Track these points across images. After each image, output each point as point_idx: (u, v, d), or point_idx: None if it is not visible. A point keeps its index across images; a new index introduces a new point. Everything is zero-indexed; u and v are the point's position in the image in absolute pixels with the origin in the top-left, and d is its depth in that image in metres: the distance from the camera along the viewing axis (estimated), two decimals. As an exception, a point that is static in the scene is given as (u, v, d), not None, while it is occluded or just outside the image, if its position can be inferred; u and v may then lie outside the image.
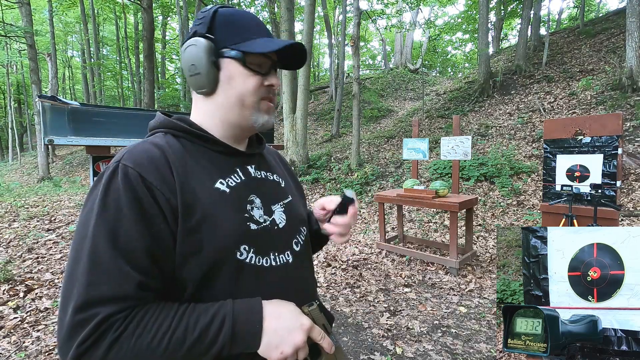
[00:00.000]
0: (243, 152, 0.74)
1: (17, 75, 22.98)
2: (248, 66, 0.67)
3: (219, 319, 0.55)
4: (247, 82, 0.68)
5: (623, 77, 6.91)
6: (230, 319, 0.55)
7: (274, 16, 12.55)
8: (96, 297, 0.50)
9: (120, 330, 0.50)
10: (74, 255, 0.54)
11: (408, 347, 2.36)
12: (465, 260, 3.67)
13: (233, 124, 0.71)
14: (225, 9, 0.70)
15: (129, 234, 0.54)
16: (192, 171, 0.64)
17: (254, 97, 0.69)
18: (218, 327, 0.54)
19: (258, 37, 0.69)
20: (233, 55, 0.67)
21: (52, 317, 2.73)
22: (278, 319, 0.59)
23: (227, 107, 0.69)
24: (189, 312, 0.55)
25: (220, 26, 0.68)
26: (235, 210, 0.65)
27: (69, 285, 0.53)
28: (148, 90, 11.80)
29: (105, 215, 0.54)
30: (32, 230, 4.81)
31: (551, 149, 2.83)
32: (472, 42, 19.86)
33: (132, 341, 0.50)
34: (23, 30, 11.51)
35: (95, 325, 0.49)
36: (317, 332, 0.63)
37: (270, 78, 0.70)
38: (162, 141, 0.65)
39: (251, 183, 0.71)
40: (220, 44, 0.67)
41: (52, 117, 2.13)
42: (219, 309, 0.56)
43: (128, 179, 0.56)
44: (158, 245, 0.56)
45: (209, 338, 0.54)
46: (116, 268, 0.52)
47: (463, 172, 6.24)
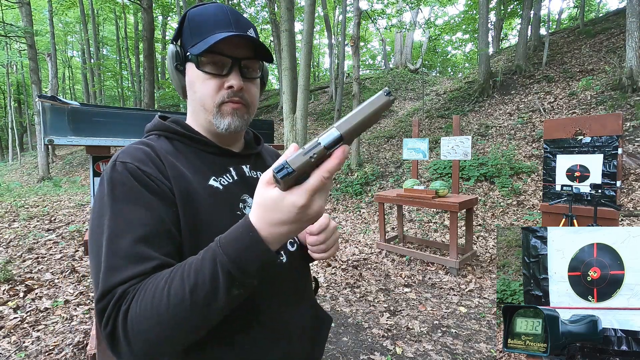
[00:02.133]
0: (237, 153, 0.74)
1: (17, 75, 22.98)
2: (201, 69, 0.64)
3: (208, 252, 0.49)
4: (204, 86, 0.65)
5: (623, 77, 6.91)
6: (218, 244, 0.48)
7: (274, 16, 12.55)
8: (117, 280, 0.50)
9: (129, 301, 0.49)
10: (95, 250, 0.54)
11: (408, 347, 2.36)
12: (465, 260, 3.67)
13: (204, 128, 0.71)
14: (195, 8, 0.67)
15: (145, 217, 0.55)
16: (184, 168, 0.64)
17: (212, 101, 0.66)
18: (210, 257, 0.47)
19: (217, 32, 0.64)
20: (190, 59, 0.65)
21: (52, 317, 2.73)
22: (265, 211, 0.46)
23: (195, 111, 0.69)
24: (183, 263, 0.51)
25: (185, 29, 0.67)
26: (228, 208, 0.65)
27: (94, 277, 0.53)
28: (148, 90, 11.79)
29: (117, 206, 0.55)
30: (32, 230, 4.81)
31: (551, 149, 2.83)
32: (472, 42, 19.86)
33: (137, 307, 0.48)
34: (23, 30, 11.52)
35: (113, 304, 0.49)
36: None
37: (231, 79, 0.65)
38: (154, 142, 0.66)
39: (245, 182, 0.71)
40: (186, 47, 0.66)
41: (52, 117, 2.13)
42: (209, 245, 0.50)
43: (129, 171, 0.58)
44: (172, 225, 0.57)
45: (208, 273, 0.46)
46: (135, 252, 0.52)
47: (463, 172, 6.24)
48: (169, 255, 0.55)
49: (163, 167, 0.61)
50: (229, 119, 0.66)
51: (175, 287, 0.47)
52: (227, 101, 0.66)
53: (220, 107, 0.66)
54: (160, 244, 0.55)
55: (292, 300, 0.72)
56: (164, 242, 0.55)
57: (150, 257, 0.53)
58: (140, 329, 0.47)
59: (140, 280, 0.51)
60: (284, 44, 8.59)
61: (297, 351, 0.71)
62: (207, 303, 0.47)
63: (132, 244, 0.52)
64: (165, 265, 0.53)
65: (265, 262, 0.46)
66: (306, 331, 0.75)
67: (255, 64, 0.69)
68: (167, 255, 0.55)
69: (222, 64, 0.65)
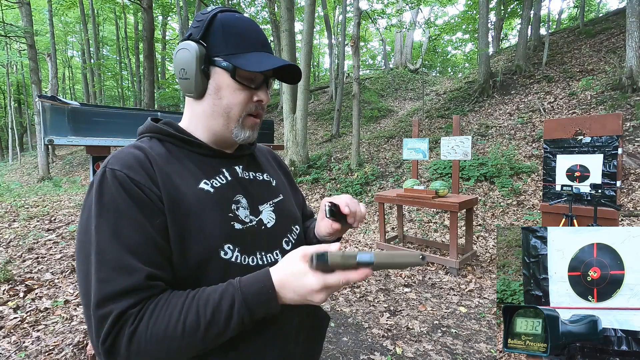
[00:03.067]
0: (230, 154, 0.74)
1: (17, 75, 22.99)
2: (238, 80, 0.65)
3: (227, 294, 0.55)
4: (235, 96, 0.67)
5: (623, 77, 6.91)
6: (238, 288, 0.56)
7: (274, 16, 12.54)
8: (109, 293, 0.52)
9: (136, 324, 0.51)
10: (82, 260, 0.55)
11: (408, 347, 2.36)
12: (465, 260, 3.67)
13: (215, 133, 0.70)
14: (226, 14, 0.67)
15: (130, 230, 0.55)
16: (175, 171, 0.64)
17: (239, 112, 0.68)
18: (229, 300, 0.54)
19: (254, 50, 0.67)
20: (224, 66, 0.65)
21: (52, 317, 2.73)
22: (287, 278, 0.55)
23: (211, 115, 0.69)
24: (198, 296, 0.56)
25: (215, 33, 0.66)
26: (219, 210, 0.65)
27: (84, 289, 0.54)
28: (148, 90, 11.80)
29: (105, 216, 0.55)
30: (32, 230, 4.81)
31: (551, 149, 2.83)
32: (472, 42, 19.85)
33: (148, 332, 0.51)
34: (23, 30, 11.53)
35: (112, 323, 0.50)
36: (335, 280, 0.52)
37: (260, 93, 0.68)
38: (145, 145, 0.66)
39: (238, 183, 0.71)
40: (213, 51, 0.66)
41: (52, 117, 2.13)
42: (227, 286, 0.57)
43: (118, 180, 0.58)
44: (160, 237, 0.58)
45: (224, 315, 0.54)
46: (124, 263, 0.53)
47: (463, 172, 6.24)
48: (157, 266, 0.56)
49: (153, 173, 0.61)
50: (249, 132, 0.71)
51: (191, 321, 0.53)
52: (252, 114, 0.70)
53: (245, 119, 0.69)
54: (149, 255, 0.56)
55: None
56: (151, 254, 0.56)
57: (138, 269, 0.54)
58: (148, 352, 0.52)
59: (136, 299, 0.53)
60: (284, 44, 8.59)
61: (294, 350, 0.71)
62: (217, 337, 0.55)
63: (120, 256, 0.53)
64: (155, 277, 0.55)
65: (270, 314, 0.56)
66: (304, 330, 0.75)
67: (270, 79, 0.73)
68: (156, 266, 0.56)
69: (256, 79, 0.68)
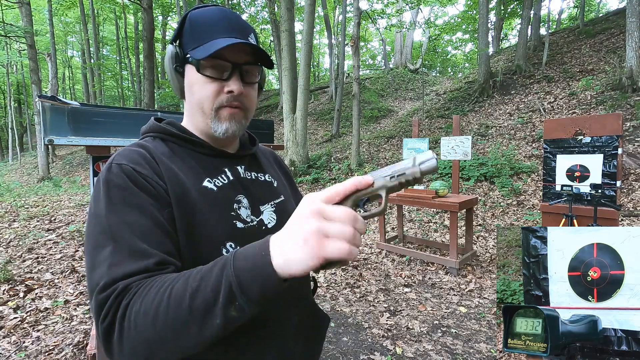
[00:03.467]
0: (232, 154, 0.75)
1: (17, 75, 22.99)
2: (202, 72, 0.65)
3: (220, 261, 0.48)
4: (205, 89, 0.66)
5: (623, 77, 6.91)
6: (232, 255, 0.48)
7: (274, 16, 12.55)
8: (119, 274, 0.50)
9: (131, 296, 0.48)
10: (90, 250, 0.54)
11: (408, 347, 2.36)
12: (465, 260, 3.67)
13: (200, 130, 0.71)
14: (197, 10, 0.68)
15: (141, 218, 0.55)
16: (179, 169, 0.64)
17: (210, 105, 0.66)
18: (220, 266, 0.46)
19: (219, 37, 0.64)
20: (190, 62, 0.66)
21: (52, 317, 2.73)
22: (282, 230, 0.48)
23: (193, 113, 0.70)
24: (191, 270, 0.50)
25: (186, 31, 0.67)
26: (222, 209, 0.65)
27: (91, 273, 0.52)
28: (148, 90, 11.80)
29: (115, 206, 0.56)
30: (32, 230, 4.81)
31: (551, 149, 2.83)
32: (472, 42, 19.86)
33: (139, 304, 0.47)
34: (23, 30, 11.53)
35: (114, 298, 0.48)
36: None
37: (231, 84, 0.66)
38: (149, 144, 0.67)
39: (239, 183, 0.71)
40: (185, 49, 0.67)
41: (52, 117, 2.13)
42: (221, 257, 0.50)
43: (125, 173, 0.58)
44: (170, 224, 0.58)
45: (212, 281, 0.45)
46: (136, 249, 0.53)
47: (463, 172, 6.24)
48: (168, 253, 0.56)
49: (158, 169, 0.62)
50: (226, 124, 0.68)
51: (177, 288, 0.46)
52: (225, 105, 0.67)
53: (218, 112, 0.67)
54: (160, 241, 0.55)
55: (289, 299, 0.72)
56: (162, 240, 0.56)
57: (151, 254, 0.53)
58: (137, 328, 0.46)
59: (144, 276, 0.50)
60: (284, 44, 8.59)
61: (294, 350, 0.71)
62: (205, 311, 0.44)
63: (133, 241, 0.53)
64: (166, 262, 0.54)
65: (266, 287, 0.44)
66: (303, 330, 0.75)
67: (255, 69, 0.70)
68: (167, 252, 0.55)
69: (223, 69, 0.65)
